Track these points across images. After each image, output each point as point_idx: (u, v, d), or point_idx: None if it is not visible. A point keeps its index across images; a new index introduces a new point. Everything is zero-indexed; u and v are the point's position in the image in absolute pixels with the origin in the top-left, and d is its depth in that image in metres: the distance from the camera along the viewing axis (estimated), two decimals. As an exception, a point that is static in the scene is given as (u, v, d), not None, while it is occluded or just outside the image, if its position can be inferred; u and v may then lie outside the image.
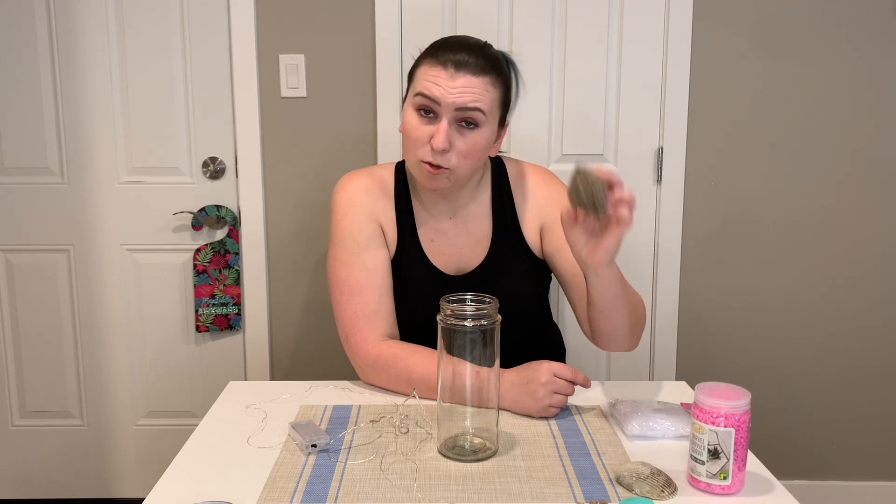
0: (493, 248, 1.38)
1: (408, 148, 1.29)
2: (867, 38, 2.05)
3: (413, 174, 1.33)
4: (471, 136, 1.25)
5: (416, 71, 1.29)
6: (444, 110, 1.23)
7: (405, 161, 1.36)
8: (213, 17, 2.08)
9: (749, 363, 2.21)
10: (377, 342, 1.31)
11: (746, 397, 0.97)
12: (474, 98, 1.23)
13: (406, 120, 1.28)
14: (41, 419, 2.27)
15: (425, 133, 1.25)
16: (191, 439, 1.14)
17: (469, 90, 1.22)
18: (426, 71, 1.25)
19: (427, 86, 1.24)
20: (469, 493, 0.98)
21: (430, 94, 1.23)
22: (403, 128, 1.29)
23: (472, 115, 1.24)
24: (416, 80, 1.27)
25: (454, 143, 1.24)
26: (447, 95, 1.22)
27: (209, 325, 2.19)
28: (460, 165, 1.27)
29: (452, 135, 1.24)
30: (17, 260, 2.19)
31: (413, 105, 1.27)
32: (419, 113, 1.26)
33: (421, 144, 1.26)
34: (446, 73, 1.23)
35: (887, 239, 2.14)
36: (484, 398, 1.07)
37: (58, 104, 2.12)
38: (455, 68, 1.23)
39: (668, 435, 1.14)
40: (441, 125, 1.23)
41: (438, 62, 1.24)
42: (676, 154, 2.09)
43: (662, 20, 2.05)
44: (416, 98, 1.25)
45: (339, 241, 1.35)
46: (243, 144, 2.11)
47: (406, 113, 1.29)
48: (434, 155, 1.24)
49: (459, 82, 1.22)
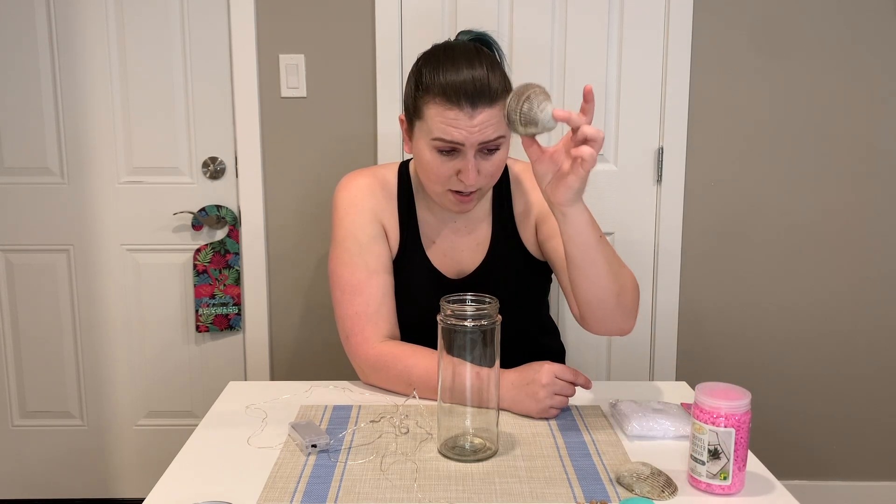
0: (492, 251, 1.38)
1: (431, 182, 1.27)
2: (867, 38, 2.05)
3: (437, 202, 1.32)
4: (495, 157, 1.24)
5: (422, 105, 1.23)
6: (468, 148, 1.21)
7: (425, 188, 1.33)
8: (213, 17, 2.08)
9: (749, 363, 2.21)
10: (378, 343, 1.31)
11: (746, 397, 0.97)
12: (495, 129, 1.20)
13: (424, 159, 1.25)
14: (41, 419, 2.27)
15: (449, 169, 1.23)
16: (191, 439, 1.14)
17: (489, 124, 1.19)
18: (440, 113, 1.20)
19: (446, 130, 1.20)
20: (469, 493, 0.98)
21: (452, 138, 1.20)
22: (420, 163, 1.26)
23: (496, 143, 1.23)
24: (428, 119, 1.22)
25: (480, 169, 1.23)
26: (469, 136, 1.19)
27: (209, 325, 2.19)
28: (489, 182, 1.27)
29: (478, 163, 1.22)
30: (17, 260, 2.19)
31: (432, 147, 1.23)
32: (439, 153, 1.23)
33: (446, 180, 1.25)
34: (463, 114, 1.18)
35: (887, 239, 2.14)
36: (484, 398, 1.07)
37: (58, 104, 2.12)
38: (471, 105, 1.18)
39: (668, 435, 1.14)
40: (468, 163, 1.21)
41: (451, 102, 1.18)
42: (676, 154, 2.09)
43: (662, 20, 2.05)
44: (436, 143, 1.22)
45: (341, 240, 1.35)
46: (243, 144, 2.11)
47: (422, 150, 1.25)
48: (462, 185, 1.24)
49: (478, 119, 1.18)
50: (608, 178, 2.12)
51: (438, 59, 1.23)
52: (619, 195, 2.12)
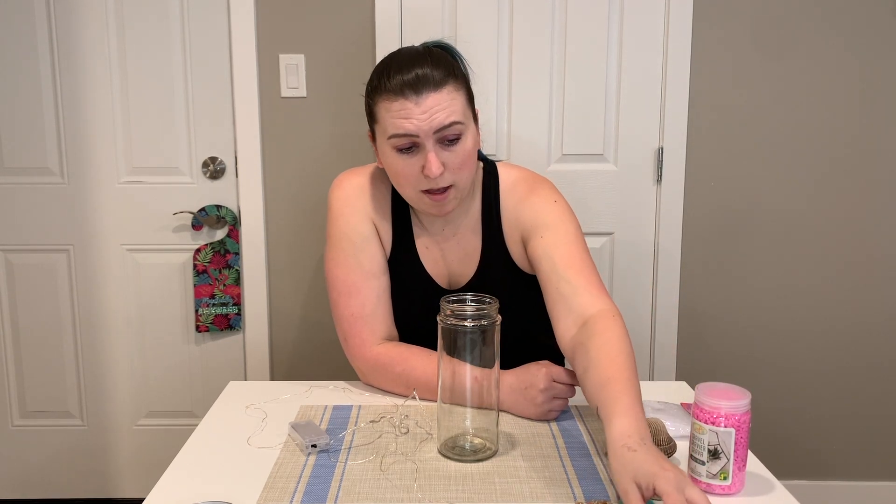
0: (483, 264, 1.35)
1: (401, 186, 1.25)
2: (867, 38, 2.05)
3: (417, 208, 1.30)
4: (458, 148, 1.22)
5: (374, 108, 1.23)
6: (423, 139, 1.19)
7: (404, 197, 1.31)
8: (213, 17, 2.08)
9: (749, 363, 2.21)
10: (376, 344, 1.30)
11: (746, 397, 0.97)
12: (447, 113, 1.19)
13: (389, 162, 1.24)
14: (41, 419, 2.27)
15: (415, 169, 1.22)
16: (191, 439, 1.14)
17: (438, 107, 1.18)
18: (387, 108, 1.20)
19: (397, 124, 1.19)
20: (469, 493, 0.98)
21: (405, 130, 1.19)
22: (388, 168, 1.25)
23: (453, 130, 1.20)
24: (381, 120, 1.22)
25: (445, 162, 1.21)
26: (421, 125, 1.18)
27: (209, 325, 2.19)
28: (459, 177, 1.24)
29: (441, 155, 1.21)
30: (17, 260, 2.19)
31: (391, 147, 1.22)
32: (399, 153, 1.22)
33: (414, 180, 1.23)
34: (409, 103, 1.17)
35: (887, 238, 2.14)
36: (484, 399, 1.07)
37: (58, 104, 2.12)
38: (415, 93, 1.17)
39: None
40: (428, 154, 1.19)
41: (395, 93, 1.18)
42: (676, 154, 2.09)
43: (662, 20, 2.05)
44: (393, 140, 1.20)
45: (336, 241, 1.34)
46: (243, 144, 2.11)
47: (385, 154, 1.24)
48: (430, 182, 1.21)
49: (426, 104, 1.17)
50: (608, 178, 2.12)
51: (385, 62, 1.24)
52: (619, 195, 2.12)
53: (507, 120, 2.10)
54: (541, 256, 1.26)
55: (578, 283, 1.20)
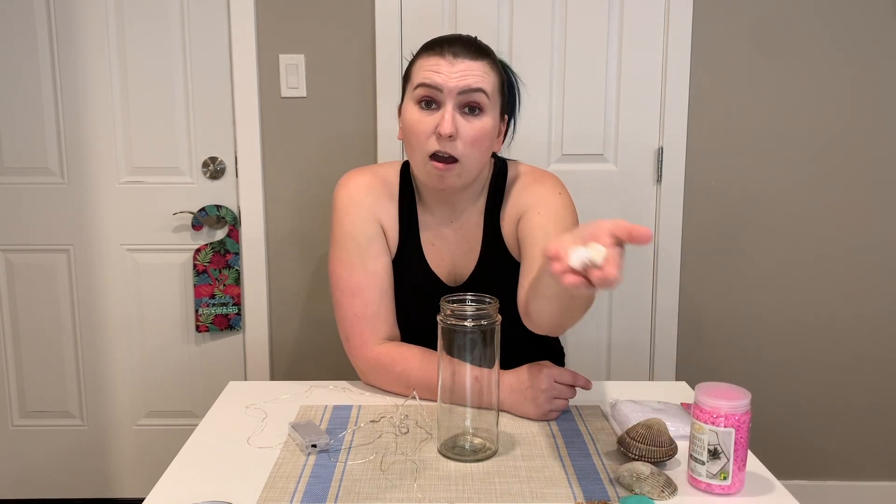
0: (483, 257, 1.36)
1: (412, 145, 1.26)
2: (867, 39, 2.05)
3: (420, 178, 1.30)
4: (476, 122, 1.23)
5: (412, 68, 1.28)
6: (447, 96, 1.22)
7: (410, 164, 1.34)
8: (213, 17, 2.08)
9: (749, 363, 2.21)
10: (376, 344, 1.30)
11: (746, 397, 0.97)
12: (476, 79, 1.22)
13: (407, 117, 1.26)
14: (41, 419, 2.27)
15: (430, 124, 1.23)
16: (191, 439, 1.14)
17: (470, 72, 1.22)
18: (423, 63, 1.25)
19: (427, 75, 1.23)
20: (469, 493, 0.98)
21: (432, 81, 1.22)
22: (405, 124, 1.27)
23: (476, 98, 1.22)
24: (415, 73, 1.26)
25: (460, 129, 1.22)
26: (449, 80, 1.21)
27: (209, 325, 2.19)
28: (467, 155, 1.24)
29: (458, 121, 1.22)
30: (17, 260, 2.19)
31: (414, 99, 1.25)
32: (420, 105, 1.24)
33: (426, 137, 1.23)
34: (445, 61, 1.22)
35: (887, 239, 2.14)
36: (484, 399, 1.07)
37: (58, 104, 2.12)
38: (453, 55, 1.23)
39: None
40: (446, 110, 1.22)
41: (435, 53, 1.24)
42: (676, 154, 2.09)
43: (662, 20, 2.05)
44: (418, 90, 1.24)
45: (340, 241, 1.34)
46: (243, 144, 2.11)
47: (406, 110, 1.27)
48: (441, 142, 1.22)
49: (459, 67, 1.22)
50: (608, 178, 2.12)
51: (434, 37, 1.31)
52: (619, 195, 2.12)
53: (507, 120, 2.10)
54: (533, 228, 1.26)
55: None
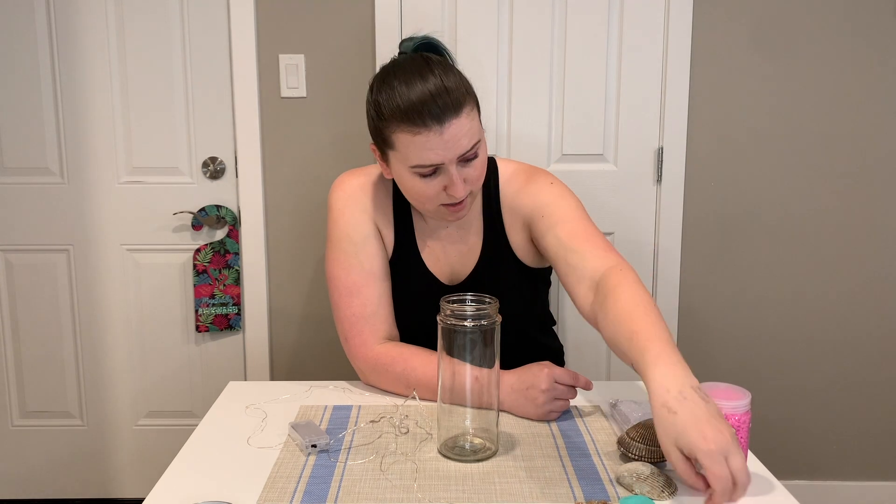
0: (483, 257, 1.36)
1: (420, 203, 1.25)
2: (867, 39, 2.05)
3: (432, 217, 1.30)
4: (477, 162, 1.22)
5: (390, 136, 1.19)
6: (448, 165, 1.19)
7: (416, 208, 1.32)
8: (213, 17, 2.08)
9: (749, 363, 2.21)
10: (376, 344, 1.30)
11: (746, 397, 0.97)
12: (469, 137, 1.18)
13: (408, 185, 1.23)
14: (41, 419, 2.27)
15: (435, 188, 1.21)
16: (191, 439, 1.14)
17: (461, 133, 1.16)
18: (411, 141, 1.16)
19: (422, 156, 1.17)
20: (469, 493, 0.98)
21: (431, 162, 1.17)
22: (404, 188, 1.24)
23: (474, 151, 1.20)
24: (402, 149, 1.18)
25: (466, 177, 1.21)
26: (446, 154, 1.17)
27: (209, 325, 2.19)
28: (476, 187, 1.25)
29: (462, 173, 1.21)
30: (17, 260, 2.19)
31: (413, 174, 1.21)
32: (421, 177, 1.21)
33: (434, 197, 1.22)
34: (433, 134, 1.15)
35: (887, 238, 2.14)
36: (484, 399, 1.07)
37: (58, 104, 2.12)
38: (438, 122, 1.14)
39: (668, 435, 1.14)
40: (453, 176, 1.19)
41: (417, 126, 1.15)
42: (676, 154, 2.09)
43: (662, 20, 2.05)
44: (416, 169, 1.19)
45: (336, 241, 1.34)
46: (243, 144, 2.11)
47: (404, 178, 1.22)
48: (452, 198, 1.21)
49: (449, 133, 1.15)
50: (608, 178, 2.12)
51: (391, 84, 1.18)
52: (619, 195, 2.12)
53: (508, 119, 2.10)
54: (545, 234, 1.27)
55: (585, 250, 1.21)
